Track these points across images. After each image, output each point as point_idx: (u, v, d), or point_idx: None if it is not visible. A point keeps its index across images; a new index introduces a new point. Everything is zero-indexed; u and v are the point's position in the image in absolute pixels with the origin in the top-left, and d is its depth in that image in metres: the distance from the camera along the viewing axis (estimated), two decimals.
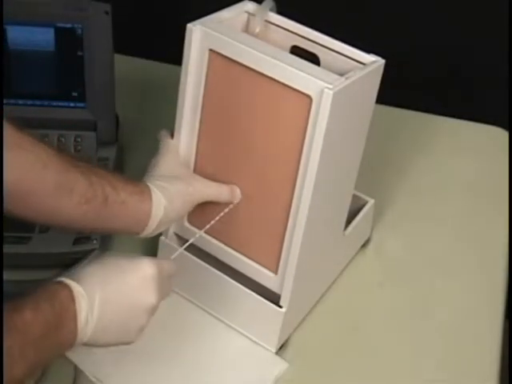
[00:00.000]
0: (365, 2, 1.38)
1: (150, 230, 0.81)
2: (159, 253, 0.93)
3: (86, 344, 0.71)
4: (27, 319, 0.64)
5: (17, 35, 0.99)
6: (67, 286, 0.69)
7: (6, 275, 0.73)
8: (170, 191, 0.81)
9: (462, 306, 0.96)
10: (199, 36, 0.80)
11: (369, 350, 0.90)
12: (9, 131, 0.71)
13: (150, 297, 0.72)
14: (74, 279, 0.70)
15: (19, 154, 0.72)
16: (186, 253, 0.87)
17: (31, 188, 0.73)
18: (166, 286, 0.75)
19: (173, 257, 0.81)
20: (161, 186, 0.81)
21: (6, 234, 0.91)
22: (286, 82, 0.75)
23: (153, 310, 0.74)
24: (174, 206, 0.81)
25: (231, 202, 0.85)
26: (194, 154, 0.86)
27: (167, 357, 0.86)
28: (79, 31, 0.99)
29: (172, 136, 0.87)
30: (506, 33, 1.30)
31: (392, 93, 1.03)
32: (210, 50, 0.80)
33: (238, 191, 0.85)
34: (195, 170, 0.87)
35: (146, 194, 0.80)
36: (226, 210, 0.84)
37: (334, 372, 0.87)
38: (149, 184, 0.81)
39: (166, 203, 0.80)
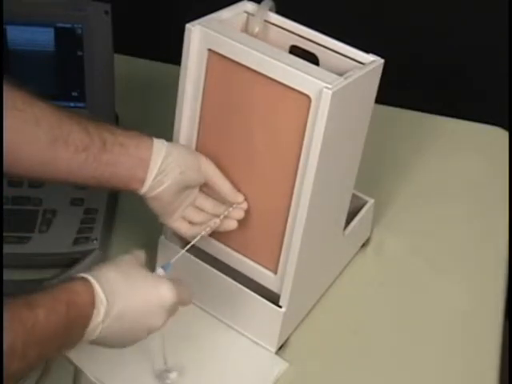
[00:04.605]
0: (364, 2, 1.38)
1: (151, 177, 0.79)
2: (159, 252, 0.93)
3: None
4: (39, 319, 0.63)
5: (17, 35, 0.99)
6: (90, 289, 0.68)
7: (6, 275, 0.73)
8: (174, 143, 0.82)
9: (462, 306, 0.95)
10: (198, 36, 0.80)
11: (368, 349, 0.90)
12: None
13: (158, 321, 0.73)
14: (99, 281, 0.69)
15: (12, 115, 0.72)
16: (186, 253, 0.87)
17: (23, 147, 0.73)
18: (175, 309, 0.75)
19: (172, 260, 0.80)
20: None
21: (5, 234, 0.91)
22: (285, 82, 0.75)
23: (154, 331, 0.74)
24: (176, 154, 0.80)
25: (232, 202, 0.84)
26: None
27: (167, 357, 0.86)
28: (79, 31, 0.99)
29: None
30: (506, 33, 1.30)
31: (392, 93, 1.03)
32: (209, 49, 0.80)
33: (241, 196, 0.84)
34: None
35: (147, 137, 0.80)
36: (226, 212, 0.84)
37: (334, 372, 0.87)
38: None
39: (167, 148, 0.80)
